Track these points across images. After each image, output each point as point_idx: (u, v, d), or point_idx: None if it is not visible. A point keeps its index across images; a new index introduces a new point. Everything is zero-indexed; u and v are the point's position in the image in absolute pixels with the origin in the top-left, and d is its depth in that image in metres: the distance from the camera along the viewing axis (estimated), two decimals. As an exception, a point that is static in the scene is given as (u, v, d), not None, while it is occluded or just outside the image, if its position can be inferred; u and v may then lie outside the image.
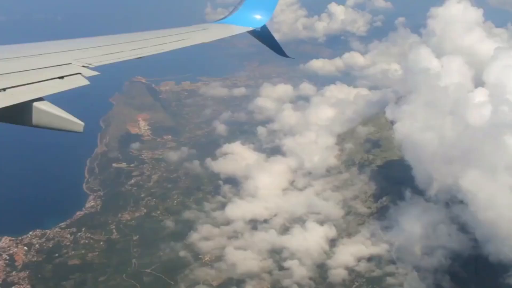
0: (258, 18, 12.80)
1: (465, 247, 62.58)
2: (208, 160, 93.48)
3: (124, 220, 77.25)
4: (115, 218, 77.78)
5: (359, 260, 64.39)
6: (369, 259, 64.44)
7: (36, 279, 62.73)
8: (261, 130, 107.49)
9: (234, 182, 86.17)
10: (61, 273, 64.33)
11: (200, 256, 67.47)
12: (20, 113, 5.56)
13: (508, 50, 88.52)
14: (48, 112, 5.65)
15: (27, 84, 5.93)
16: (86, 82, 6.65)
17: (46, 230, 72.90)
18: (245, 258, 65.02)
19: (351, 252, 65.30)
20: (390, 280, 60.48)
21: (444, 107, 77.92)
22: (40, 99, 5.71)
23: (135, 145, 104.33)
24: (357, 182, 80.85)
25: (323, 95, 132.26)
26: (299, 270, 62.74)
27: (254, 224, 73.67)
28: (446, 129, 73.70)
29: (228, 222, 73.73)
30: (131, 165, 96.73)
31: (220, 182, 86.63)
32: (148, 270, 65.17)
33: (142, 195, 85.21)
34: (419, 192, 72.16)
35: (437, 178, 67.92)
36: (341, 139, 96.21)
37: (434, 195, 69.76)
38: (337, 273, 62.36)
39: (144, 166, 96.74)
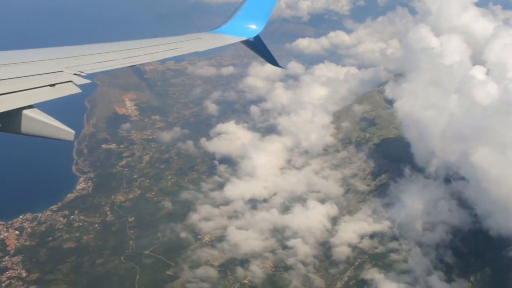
0: (251, 28, 12.69)
1: (465, 222, 62.87)
2: (201, 140, 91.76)
3: (118, 202, 75.36)
4: (108, 199, 75.83)
5: (361, 237, 64.29)
6: (372, 236, 64.36)
7: (30, 264, 60.59)
8: (254, 109, 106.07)
9: (230, 162, 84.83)
10: (56, 257, 62.43)
11: (200, 237, 66.32)
12: (9, 120, 5.39)
13: (508, 28, 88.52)
14: (38, 120, 5.47)
15: (18, 91, 5.79)
16: (78, 90, 6.52)
17: (37, 214, 70.75)
18: (247, 238, 64.15)
19: (354, 230, 65.09)
20: (393, 256, 60.48)
21: (447, 85, 77.70)
22: (30, 106, 5.55)
23: (124, 126, 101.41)
24: (355, 160, 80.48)
25: (312, 74, 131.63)
26: (303, 249, 62.27)
27: (254, 203, 72.74)
28: (450, 107, 73.49)
29: (227, 202, 72.57)
30: (121, 146, 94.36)
31: (216, 162, 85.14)
32: (147, 252, 63.67)
33: (135, 176, 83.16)
34: (418, 169, 72.23)
35: (438, 155, 67.88)
36: (337, 117, 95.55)
37: (434, 172, 69.85)
38: (341, 251, 62.12)
39: (134, 146, 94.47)
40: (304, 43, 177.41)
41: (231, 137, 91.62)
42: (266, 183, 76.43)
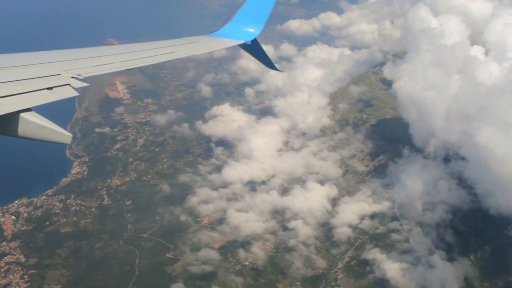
0: (249, 32, 12.73)
1: (465, 202, 63.28)
2: (197, 123, 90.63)
3: (114, 186, 74.34)
4: (104, 183, 74.77)
5: (362, 218, 64.41)
6: (372, 216, 64.52)
7: (28, 249, 59.66)
8: (248, 91, 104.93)
9: (226, 144, 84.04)
10: (54, 242, 61.57)
11: (199, 220, 65.85)
12: (7, 123, 5.40)
13: (508, 8, 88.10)
14: (36, 123, 5.50)
15: (15, 94, 5.82)
16: (75, 94, 6.51)
17: (32, 198, 69.48)
18: (247, 220, 63.87)
19: (354, 211, 65.16)
20: (394, 236, 60.77)
21: (448, 65, 77.35)
22: (28, 109, 5.56)
23: (117, 109, 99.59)
24: (353, 141, 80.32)
25: (305, 55, 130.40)
26: (304, 230, 62.24)
27: (253, 185, 72.35)
28: (451, 87, 73.29)
29: (225, 185, 72.01)
30: (115, 129, 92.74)
31: (212, 144, 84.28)
32: (146, 235, 63.13)
33: (130, 160, 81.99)
34: (416, 149, 72.36)
35: (438, 135, 67.90)
36: (333, 99, 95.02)
37: (433, 152, 69.98)
38: (342, 232, 62.22)
39: (128, 130, 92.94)
40: (295, 25, 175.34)
41: (227, 119, 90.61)
42: (264, 165, 75.97)
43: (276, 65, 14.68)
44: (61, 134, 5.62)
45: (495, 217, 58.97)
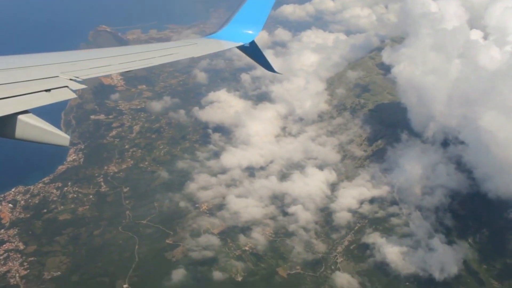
0: (247, 34, 12.71)
1: (463, 186, 63.53)
2: (193, 109, 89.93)
3: (111, 172, 73.89)
4: (101, 170, 74.31)
5: (361, 202, 64.49)
6: (371, 201, 64.63)
7: (27, 236, 59.37)
8: (244, 77, 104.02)
9: (223, 130, 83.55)
10: (52, 229, 61.31)
11: (197, 205, 65.66)
12: (4, 125, 5.37)
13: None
14: (34, 126, 5.46)
15: (13, 96, 5.79)
16: (73, 96, 6.50)
17: (29, 186, 69.17)
18: (247, 206, 63.73)
19: (353, 195, 65.21)
20: (394, 220, 60.98)
21: (448, 49, 77.07)
22: (25, 112, 5.52)
23: (111, 96, 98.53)
24: (350, 126, 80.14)
25: (300, 40, 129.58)
26: (304, 215, 62.24)
27: (251, 171, 72.13)
28: (451, 71, 73.04)
29: (224, 171, 71.72)
30: (110, 116, 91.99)
31: (209, 131, 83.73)
32: (144, 222, 62.92)
33: (126, 147, 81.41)
34: (415, 134, 72.38)
35: (437, 120, 67.85)
36: (330, 84, 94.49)
37: (432, 137, 70.05)
38: (341, 216, 62.32)
39: (124, 117, 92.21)
40: (289, 10, 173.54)
41: (224, 105, 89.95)
42: (262, 151, 75.66)
43: (275, 68, 14.59)
44: (59, 136, 5.58)
45: (494, 201, 59.35)
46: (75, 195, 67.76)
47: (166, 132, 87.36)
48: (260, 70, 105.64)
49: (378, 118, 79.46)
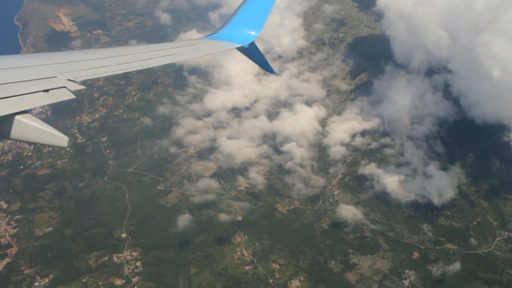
0: (247, 35, 12.49)
1: (450, 113, 64.42)
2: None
3: (85, 123, 69.28)
4: (73, 121, 69.43)
5: (353, 135, 64.46)
6: (363, 133, 64.63)
7: (8, 194, 55.25)
8: (212, 15, 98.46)
9: (200, 72, 79.33)
10: (34, 185, 57.48)
11: (184, 150, 62.81)
12: (2, 125, 5.30)
13: None
14: (32, 126, 5.35)
15: (11, 96, 5.73)
16: (72, 96, 6.41)
17: (-2, 143, 62.94)
18: (240, 147, 61.99)
19: (344, 129, 64.90)
20: (388, 151, 61.36)
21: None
22: (23, 112, 5.45)
23: (68, 44, 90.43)
24: (332, 61, 78.47)
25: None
26: (299, 152, 61.40)
27: (237, 112, 69.73)
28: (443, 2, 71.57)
29: (209, 113, 68.90)
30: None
31: (185, 73, 79.17)
32: (131, 170, 60.10)
33: (96, 95, 76.16)
34: (399, 65, 71.97)
35: (424, 50, 67.23)
36: (305, 19, 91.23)
37: (417, 67, 69.83)
38: (336, 150, 62.13)
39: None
40: None
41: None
42: (245, 91, 73.08)
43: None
44: (57, 137, 5.42)
45: (481, 126, 60.66)
46: (50, 149, 62.78)
47: (135, 78, 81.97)
48: (227, 8, 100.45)
49: (359, 52, 78.16)
